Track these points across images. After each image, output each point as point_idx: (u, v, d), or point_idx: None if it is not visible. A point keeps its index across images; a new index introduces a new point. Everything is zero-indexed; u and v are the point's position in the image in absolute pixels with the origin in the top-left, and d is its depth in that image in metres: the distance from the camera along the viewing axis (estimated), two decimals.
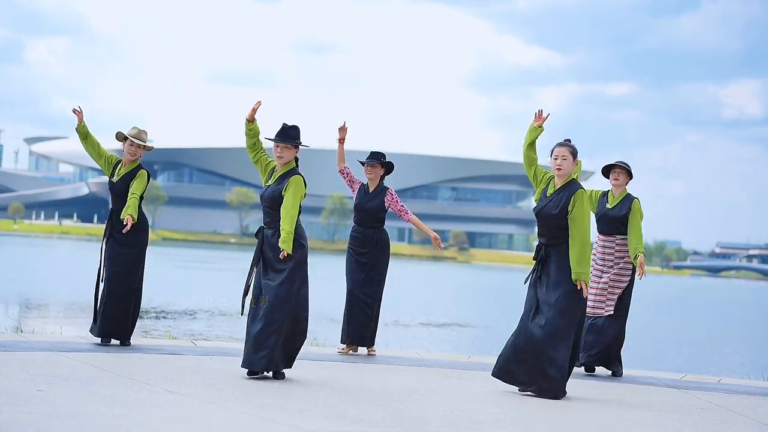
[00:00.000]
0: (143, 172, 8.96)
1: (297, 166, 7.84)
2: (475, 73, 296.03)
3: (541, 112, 7.88)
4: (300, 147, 7.79)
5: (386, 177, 9.86)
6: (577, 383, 8.67)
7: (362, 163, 9.86)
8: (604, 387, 8.58)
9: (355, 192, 9.79)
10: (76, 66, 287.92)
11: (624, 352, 9.47)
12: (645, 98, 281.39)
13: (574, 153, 7.77)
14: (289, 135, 7.74)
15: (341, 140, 9.77)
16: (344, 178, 9.86)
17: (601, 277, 9.31)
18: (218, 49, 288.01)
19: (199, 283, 32.84)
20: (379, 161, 9.72)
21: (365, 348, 9.73)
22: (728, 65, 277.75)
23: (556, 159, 7.76)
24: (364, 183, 9.82)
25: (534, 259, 7.83)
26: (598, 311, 9.26)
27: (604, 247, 9.40)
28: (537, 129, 7.88)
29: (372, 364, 9.08)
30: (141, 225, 8.90)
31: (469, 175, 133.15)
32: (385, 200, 9.65)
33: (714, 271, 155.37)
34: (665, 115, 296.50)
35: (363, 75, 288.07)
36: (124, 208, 8.78)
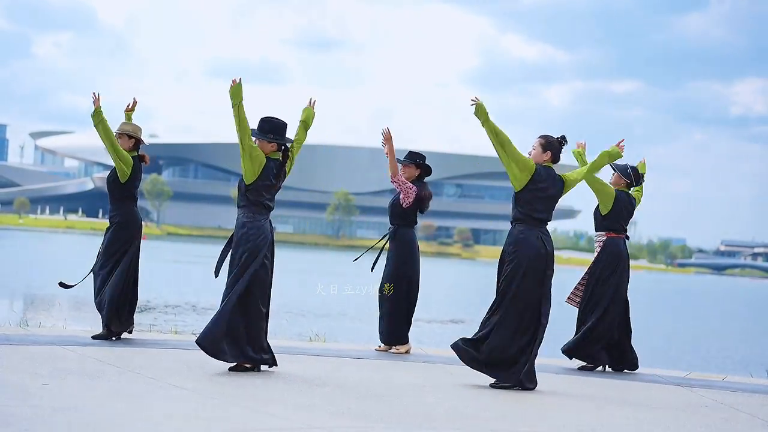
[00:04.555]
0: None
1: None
2: (479, 70, 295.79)
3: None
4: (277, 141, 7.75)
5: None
6: (579, 380, 8.67)
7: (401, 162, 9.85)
8: (608, 384, 8.57)
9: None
10: (81, 61, 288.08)
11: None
12: (651, 96, 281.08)
13: (544, 145, 7.95)
14: (264, 130, 7.68)
15: (389, 152, 9.63)
16: (396, 187, 9.75)
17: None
18: (224, 44, 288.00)
19: (202, 279, 32.84)
20: (413, 162, 9.69)
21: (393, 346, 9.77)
22: (735, 64, 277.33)
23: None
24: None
25: None
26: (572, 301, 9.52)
27: None
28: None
29: (376, 361, 9.08)
30: (127, 222, 9.00)
31: (474, 172, 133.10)
32: (400, 193, 9.59)
33: (718, 269, 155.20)
34: (671, 113, 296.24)
35: (368, 71, 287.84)
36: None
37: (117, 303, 8.82)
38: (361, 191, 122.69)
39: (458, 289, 42.35)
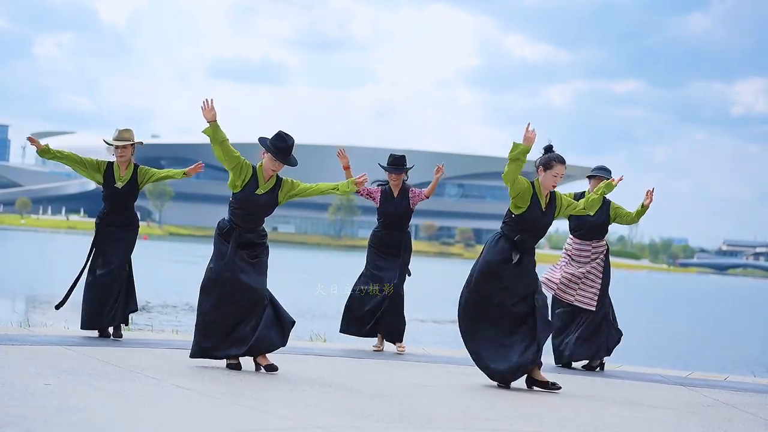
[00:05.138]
0: (143, 168, 9.03)
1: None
2: (481, 70, 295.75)
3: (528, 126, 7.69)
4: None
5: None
6: (581, 380, 8.67)
7: (384, 168, 9.89)
8: (608, 384, 8.57)
9: (378, 199, 9.82)
10: (82, 61, 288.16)
11: (631, 350, 9.50)
12: (652, 95, 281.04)
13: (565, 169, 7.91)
14: (289, 153, 7.78)
15: (346, 168, 9.66)
16: (363, 196, 9.85)
17: (570, 265, 9.40)
18: (225, 44, 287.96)
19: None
20: (404, 168, 9.84)
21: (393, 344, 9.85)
22: (736, 63, 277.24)
23: (555, 176, 7.76)
24: (384, 187, 9.84)
25: (513, 253, 7.84)
26: (569, 297, 9.39)
27: (579, 249, 9.49)
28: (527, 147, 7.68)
29: (378, 360, 9.09)
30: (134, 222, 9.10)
31: (476, 172, 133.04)
32: (411, 201, 9.78)
33: (721, 268, 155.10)
34: (672, 113, 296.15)
35: (368, 71, 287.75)
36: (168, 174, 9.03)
37: None
38: None
39: (460, 290, 42.31)
